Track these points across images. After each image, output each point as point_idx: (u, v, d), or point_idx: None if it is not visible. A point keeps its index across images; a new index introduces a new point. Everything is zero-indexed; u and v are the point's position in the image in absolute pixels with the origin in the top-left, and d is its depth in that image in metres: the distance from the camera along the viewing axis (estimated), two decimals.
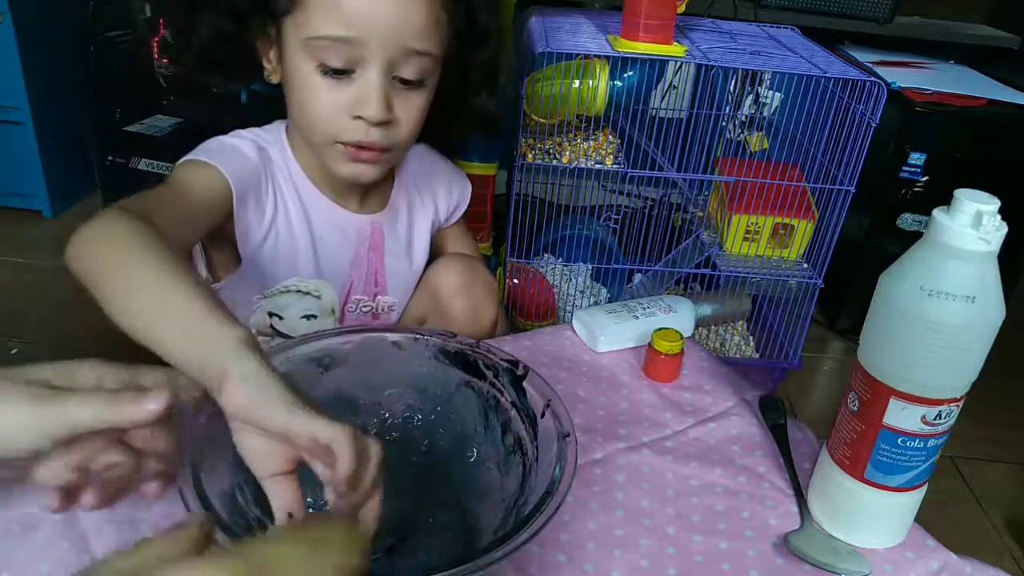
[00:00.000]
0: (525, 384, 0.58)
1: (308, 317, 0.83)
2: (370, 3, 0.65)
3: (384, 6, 0.66)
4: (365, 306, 0.87)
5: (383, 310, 0.88)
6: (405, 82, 0.70)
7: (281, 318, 0.82)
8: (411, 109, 0.72)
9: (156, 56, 1.79)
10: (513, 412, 0.58)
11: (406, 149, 0.78)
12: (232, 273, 0.79)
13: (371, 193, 0.84)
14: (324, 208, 0.80)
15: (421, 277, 0.89)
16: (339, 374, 0.60)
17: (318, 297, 0.83)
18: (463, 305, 0.83)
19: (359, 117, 0.69)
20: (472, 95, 0.80)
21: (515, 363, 0.59)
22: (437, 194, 0.90)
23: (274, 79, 0.74)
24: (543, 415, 0.56)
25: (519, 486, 0.54)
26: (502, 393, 0.59)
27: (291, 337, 0.81)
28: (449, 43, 0.73)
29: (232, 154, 0.75)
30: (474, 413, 0.60)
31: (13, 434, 0.43)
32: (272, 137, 0.80)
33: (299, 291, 0.82)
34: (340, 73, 0.68)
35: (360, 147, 0.71)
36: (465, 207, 0.94)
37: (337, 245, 0.82)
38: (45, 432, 0.43)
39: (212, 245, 0.79)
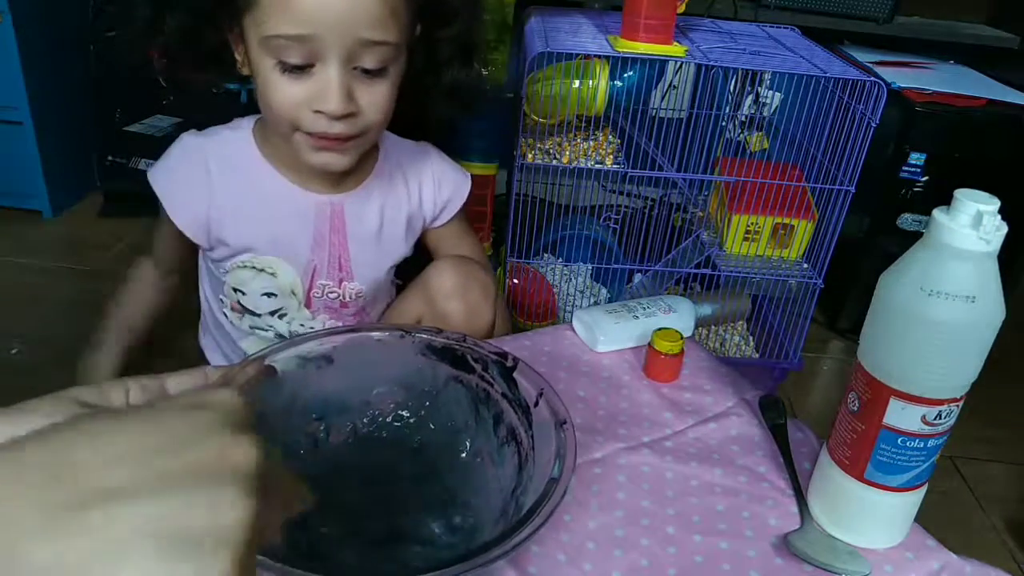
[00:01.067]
0: (516, 375, 0.58)
1: (268, 295, 0.86)
2: (322, 0, 0.65)
3: (336, 1, 0.65)
4: (331, 291, 0.87)
5: (351, 297, 0.88)
6: (367, 71, 0.70)
7: (244, 294, 0.86)
8: (375, 96, 0.72)
9: (156, 56, 1.79)
10: (505, 403, 0.58)
11: (377, 134, 0.78)
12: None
13: (344, 177, 0.84)
14: (279, 188, 0.82)
15: (417, 278, 0.88)
16: (326, 375, 0.60)
17: (273, 275, 0.84)
18: (458, 308, 0.83)
19: (320, 111, 0.70)
20: (443, 72, 0.79)
21: (504, 355, 0.59)
22: (422, 186, 0.89)
23: (245, 71, 0.75)
24: (536, 404, 0.56)
25: (515, 476, 0.54)
26: (492, 385, 0.59)
27: (256, 314, 0.85)
28: (412, 26, 0.73)
29: (173, 174, 0.81)
30: (464, 407, 0.61)
31: None
32: (238, 125, 0.83)
33: (254, 267, 0.84)
34: (299, 69, 0.69)
35: (324, 137, 0.72)
36: (460, 205, 0.93)
37: (294, 225, 0.83)
38: None
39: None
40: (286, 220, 0.82)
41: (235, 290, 0.85)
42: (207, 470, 0.29)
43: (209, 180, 0.80)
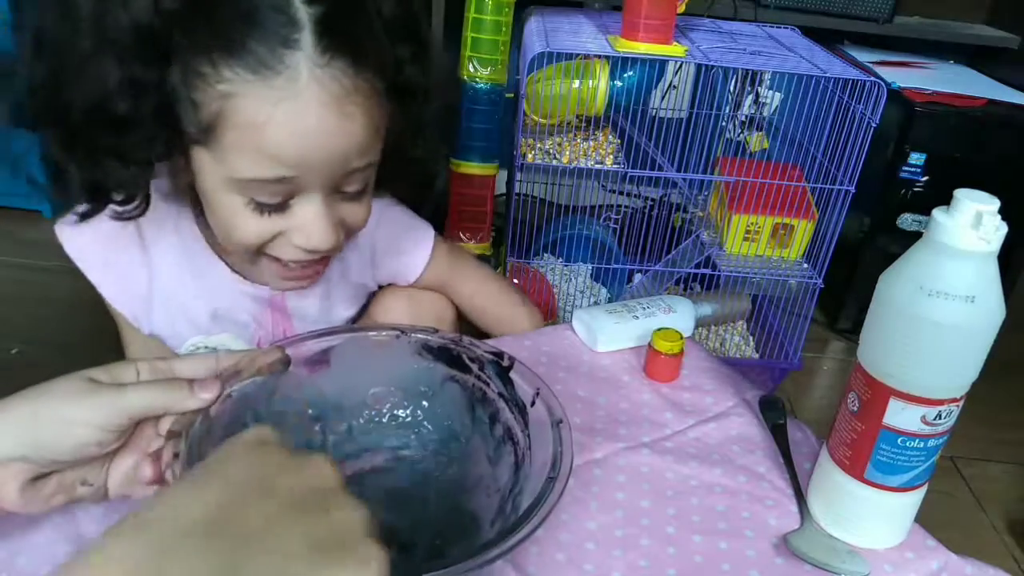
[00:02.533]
0: (512, 375, 0.58)
1: None
2: (305, 141, 0.54)
3: (323, 141, 0.55)
4: None
5: None
6: (348, 193, 0.62)
7: None
8: (358, 213, 0.64)
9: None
10: (501, 403, 0.58)
11: (351, 238, 0.68)
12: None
13: None
14: (219, 273, 0.72)
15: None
16: (321, 376, 0.59)
17: (228, 350, 0.78)
18: None
19: (301, 247, 0.61)
20: (406, 152, 0.69)
21: (500, 355, 0.59)
22: (372, 260, 0.81)
23: (181, 182, 0.63)
24: (533, 403, 0.56)
25: (512, 476, 0.54)
26: (488, 385, 0.59)
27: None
28: (393, 129, 0.63)
29: (99, 251, 0.69)
30: (460, 407, 0.61)
31: (80, 428, 0.45)
32: (167, 196, 0.68)
33: (207, 347, 0.76)
34: (276, 206, 0.58)
35: (299, 263, 0.64)
36: (425, 255, 0.82)
37: (235, 309, 0.74)
38: (108, 421, 0.45)
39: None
40: (227, 303, 0.74)
41: None
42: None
43: (148, 260, 0.70)
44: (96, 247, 0.68)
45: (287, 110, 0.53)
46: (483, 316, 0.88)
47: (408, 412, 0.62)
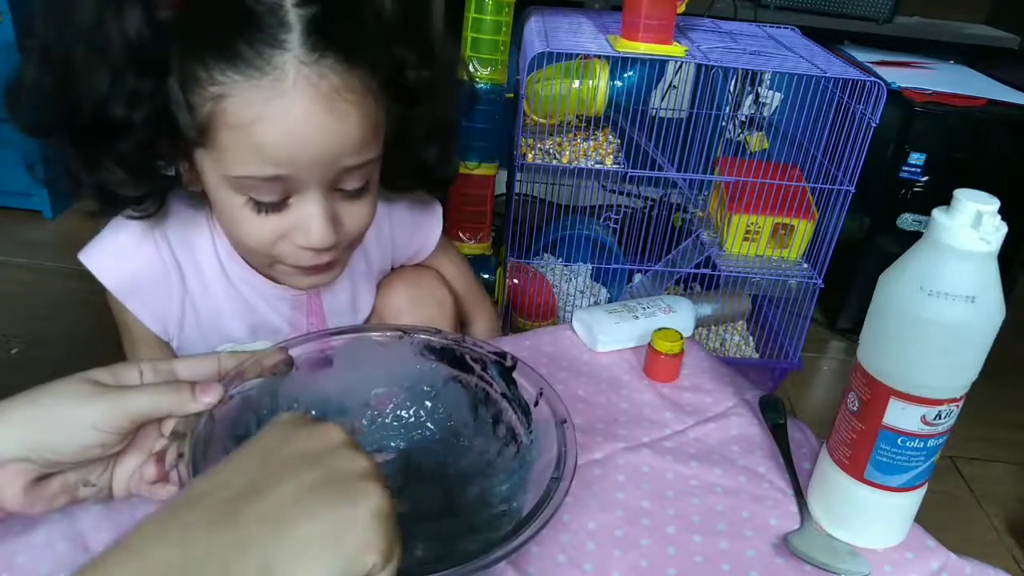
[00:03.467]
0: (515, 375, 0.58)
1: None
2: (294, 138, 0.55)
3: (313, 137, 0.55)
4: None
5: None
6: (348, 192, 0.62)
7: None
8: (360, 213, 0.64)
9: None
10: (504, 403, 0.58)
11: (363, 237, 0.68)
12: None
13: None
14: (254, 282, 0.73)
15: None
16: (325, 377, 0.59)
17: None
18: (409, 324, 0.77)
19: (303, 247, 0.62)
20: (413, 153, 0.70)
21: (503, 355, 0.59)
22: (392, 249, 0.82)
23: (195, 188, 0.64)
24: (536, 404, 0.56)
25: (515, 475, 0.54)
26: (491, 385, 0.59)
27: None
28: (391, 126, 0.63)
29: (128, 273, 0.69)
30: (463, 407, 0.61)
31: (83, 430, 0.45)
32: (196, 208, 0.70)
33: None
34: (274, 205, 0.59)
35: (311, 267, 0.65)
36: (431, 248, 0.84)
37: (270, 313, 0.75)
38: (112, 423, 0.46)
39: None
40: (261, 310, 0.75)
41: None
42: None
43: (182, 278, 0.70)
44: (126, 271, 0.69)
45: (276, 108, 0.54)
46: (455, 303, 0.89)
47: (411, 412, 0.62)
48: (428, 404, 0.62)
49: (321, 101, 0.54)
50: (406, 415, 0.62)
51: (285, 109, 0.54)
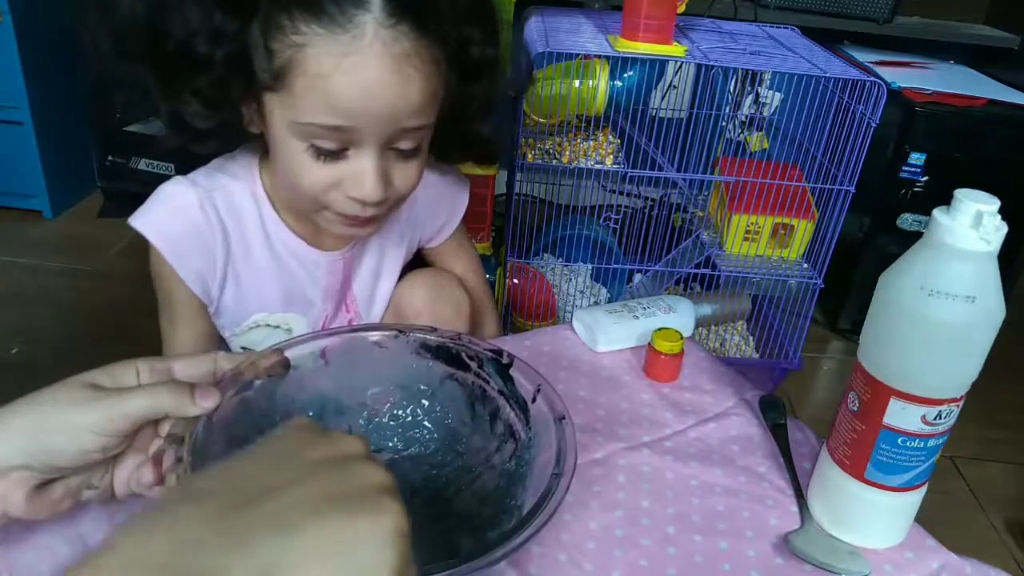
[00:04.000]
0: (512, 372, 0.58)
1: None
2: (364, 93, 0.59)
3: (380, 95, 0.60)
4: None
5: None
6: (401, 151, 0.66)
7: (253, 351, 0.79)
8: (409, 173, 0.68)
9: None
10: (501, 400, 0.59)
11: (406, 199, 0.73)
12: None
13: None
14: (295, 247, 0.77)
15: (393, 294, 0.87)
16: (321, 376, 0.59)
17: (288, 330, 0.80)
18: (426, 324, 0.80)
19: (353, 197, 0.66)
20: (467, 127, 0.75)
21: (499, 352, 0.60)
22: (419, 218, 0.85)
23: (254, 130, 0.68)
24: (534, 400, 0.56)
25: (514, 471, 0.54)
26: (488, 383, 0.59)
27: None
28: (448, 96, 0.68)
29: (177, 235, 0.72)
30: (460, 405, 0.61)
31: (84, 434, 0.45)
32: (239, 173, 0.74)
33: (268, 325, 0.80)
34: (332, 153, 0.63)
35: (355, 218, 0.68)
36: (458, 221, 0.89)
37: (307, 280, 0.79)
38: (111, 427, 0.45)
39: None
40: (299, 277, 0.78)
41: (243, 348, 0.80)
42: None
43: (227, 241, 0.74)
44: (175, 232, 0.72)
45: (351, 63, 0.58)
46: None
47: (408, 411, 0.62)
48: (425, 403, 0.62)
49: (392, 63, 0.59)
50: (403, 414, 0.62)
51: (360, 65, 0.58)
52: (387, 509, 0.33)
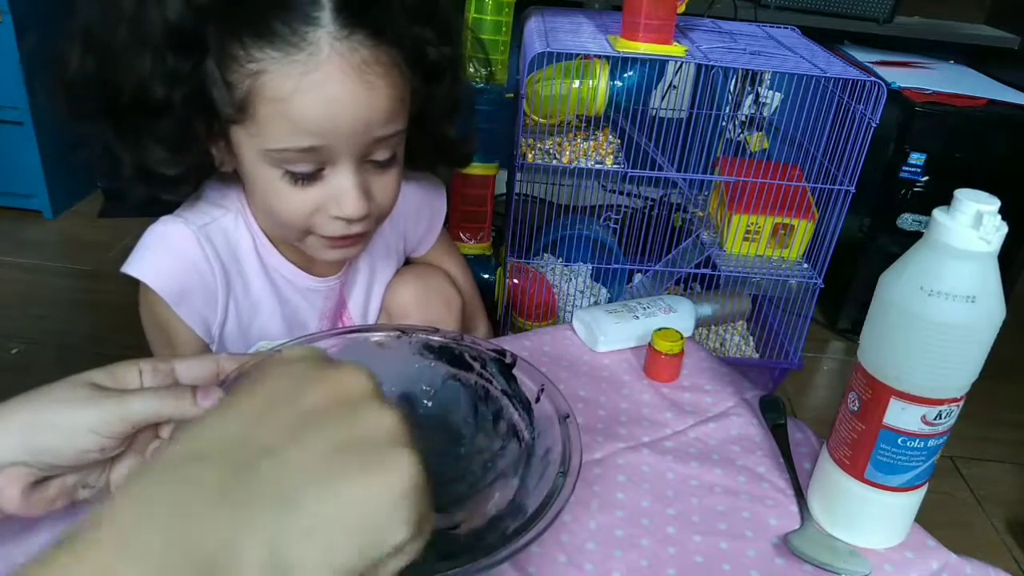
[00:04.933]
0: (515, 372, 0.58)
1: None
2: (329, 109, 0.58)
3: (346, 108, 0.58)
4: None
5: None
6: (378, 163, 0.65)
7: None
8: (388, 184, 0.67)
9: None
10: (505, 400, 0.59)
11: (390, 211, 0.72)
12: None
13: None
14: (292, 276, 0.76)
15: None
16: None
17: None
18: (416, 322, 0.80)
19: (337, 216, 0.65)
20: (433, 129, 0.74)
21: (502, 352, 0.60)
22: (404, 228, 0.85)
23: (226, 170, 0.67)
24: (538, 400, 0.56)
25: (518, 472, 0.54)
26: (491, 383, 0.59)
27: None
28: (416, 100, 0.67)
29: (178, 279, 0.69)
30: (463, 405, 0.61)
31: (82, 434, 0.45)
32: (227, 204, 0.72)
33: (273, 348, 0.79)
34: (309, 176, 0.62)
35: (342, 238, 0.67)
36: (440, 226, 0.88)
37: (305, 307, 0.79)
38: (111, 428, 0.45)
39: None
40: (298, 305, 0.78)
41: None
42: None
43: (227, 278, 0.72)
44: (176, 278, 0.69)
45: (312, 81, 0.57)
46: None
47: (411, 412, 0.62)
48: (428, 403, 0.62)
49: (353, 73, 0.58)
50: (406, 414, 0.61)
51: (321, 82, 0.57)
52: (397, 463, 0.31)
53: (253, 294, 0.75)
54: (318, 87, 0.57)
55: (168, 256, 0.69)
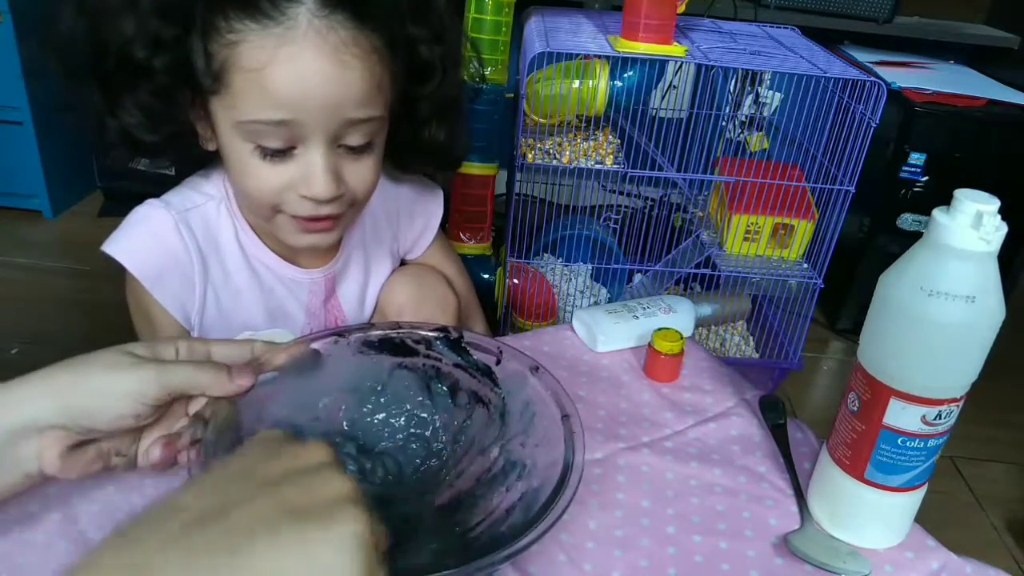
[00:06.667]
0: (465, 344, 0.59)
1: None
2: (301, 83, 0.58)
3: (318, 83, 0.59)
4: None
5: None
6: (352, 148, 0.65)
7: None
8: (362, 172, 0.67)
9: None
10: (459, 372, 0.59)
11: (365, 204, 0.71)
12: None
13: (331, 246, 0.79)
14: (273, 265, 0.76)
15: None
16: (271, 402, 0.56)
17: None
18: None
19: (306, 196, 0.65)
20: (421, 131, 0.73)
21: (445, 329, 0.61)
22: (398, 229, 0.85)
23: (210, 147, 0.68)
24: (499, 362, 0.57)
25: (496, 435, 0.55)
26: (440, 360, 0.60)
27: None
28: (395, 92, 0.67)
29: (155, 262, 0.70)
30: (415, 389, 0.61)
31: (121, 398, 0.46)
32: (212, 192, 0.73)
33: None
34: (280, 152, 0.62)
35: (311, 219, 0.67)
36: (436, 227, 0.88)
37: (288, 298, 0.78)
38: (150, 394, 0.46)
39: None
40: (280, 295, 0.77)
41: None
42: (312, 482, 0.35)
43: (204, 265, 0.72)
44: (153, 260, 0.71)
45: (286, 54, 0.58)
46: None
47: (365, 412, 0.61)
48: (381, 400, 0.61)
49: (328, 52, 0.58)
50: (359, 416, 0.60)
51: (294, 55, 0.58)
52: (343, 516, 0.33)
53: (233, 282, 0.75)
54: (291, 60, 0.58)
55: (146, 238, 0.71)
